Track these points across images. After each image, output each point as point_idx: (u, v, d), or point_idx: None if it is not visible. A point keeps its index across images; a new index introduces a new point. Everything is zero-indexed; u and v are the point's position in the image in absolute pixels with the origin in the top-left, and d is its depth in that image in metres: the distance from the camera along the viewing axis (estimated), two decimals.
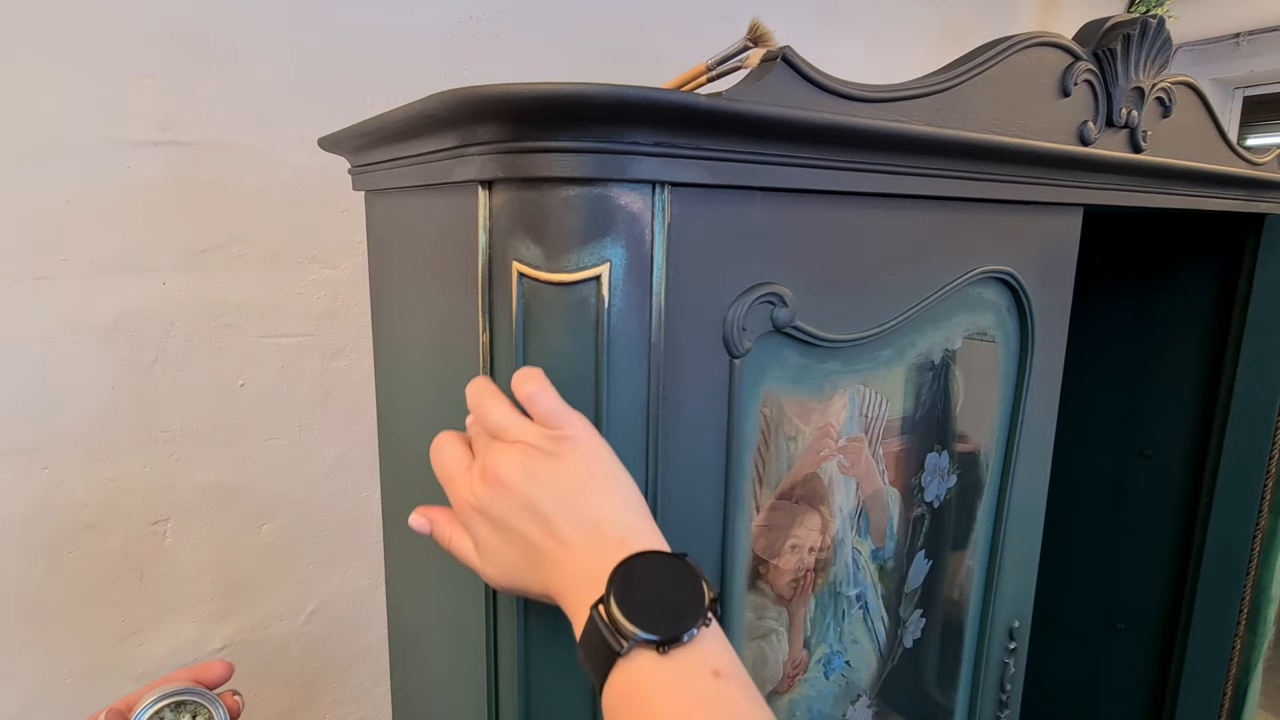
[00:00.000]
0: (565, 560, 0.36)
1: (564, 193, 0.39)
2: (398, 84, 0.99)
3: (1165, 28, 0.67)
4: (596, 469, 0.38)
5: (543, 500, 0.37)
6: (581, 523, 0.36)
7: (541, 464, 0.37)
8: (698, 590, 0.34)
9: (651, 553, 0.35)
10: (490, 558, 0.39)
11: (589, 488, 0.37)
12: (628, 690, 0.33)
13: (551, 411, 0.38)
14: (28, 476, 0.84)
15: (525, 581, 0.39)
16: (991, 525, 0.73)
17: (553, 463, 0.37)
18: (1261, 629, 1.08)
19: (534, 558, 0.37)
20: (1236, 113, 2.60)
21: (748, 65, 0.46)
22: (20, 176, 0.79)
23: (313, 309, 0.99)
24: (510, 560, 0.38)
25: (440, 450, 0.42)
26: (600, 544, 0.36)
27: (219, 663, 0.50)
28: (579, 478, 0.37)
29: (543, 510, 0.37)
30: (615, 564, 0.34)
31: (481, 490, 0.38)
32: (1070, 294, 0.73)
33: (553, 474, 0.37)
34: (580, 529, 0.36)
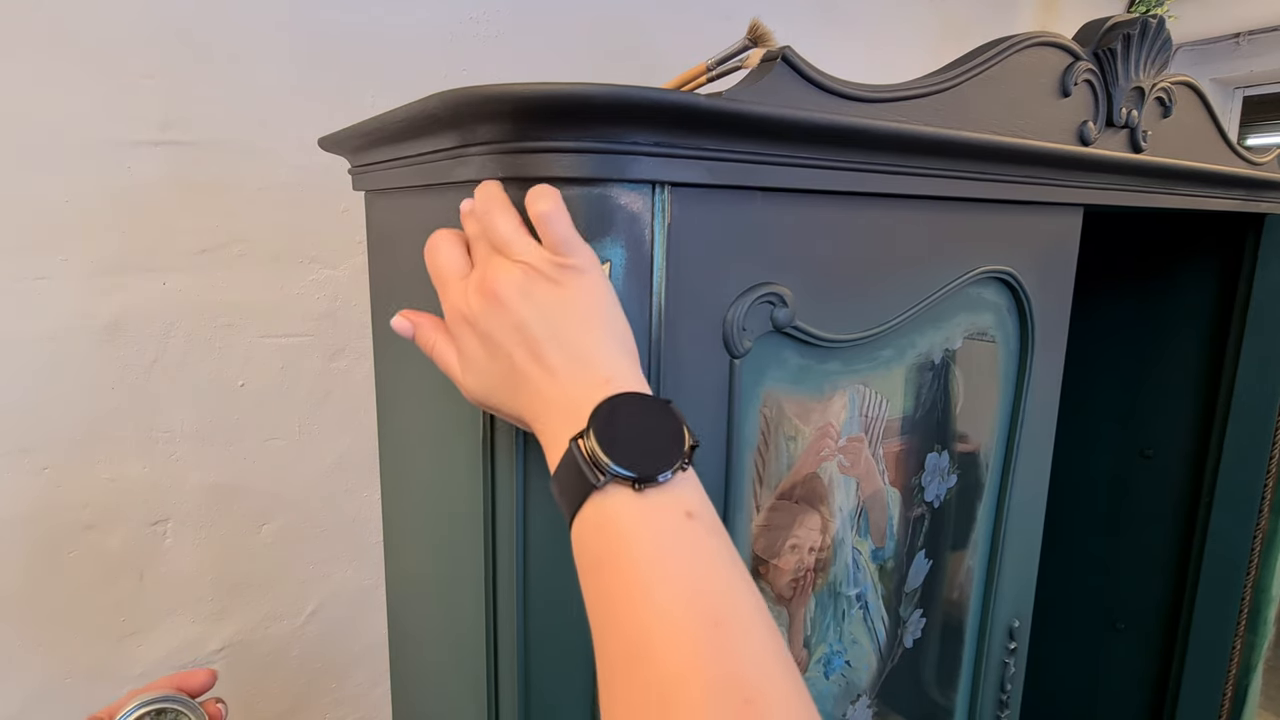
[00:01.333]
0: (547, 387, 0.36)
1: (564, 193, 0.39)
2: (398, 84, 0.99)
3: (1165, 28, 0.67)
4: (595, 305, 0.37)
5: (536, 324, 0.36)
6: (570, 353, 0.36)
7: (542, 288, 0.36)
8: (679, 434, 0.35)
9: (636, 394, 0.35)
10: (472, 371, 0.39)
11: (584, 321, 0.37)
12: (600, 524, 0.33)
13: (562, 237, 0.37)
14: (28, 476, 0.84)
15: (502, 400, 0.38)
16: (991, 525, 0.73)
17: (553, 289, 0.36)
18: (1261, 629, 1.08)
19: (516, 378, 0.37)
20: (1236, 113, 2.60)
21: (748, 65, 0.46)
22: (20, 176, 0.79)
23: (313, 309, 0.99)
24: (492, 377, 0.38)
25: (437, 250, 0.41)
26: (585, 378, 0.35)
27: (202, 671, 0.50)
28: (576, 309, 0.36)
29: (534, 333, 0.36)
30: (599, 400, 0.34)
31: (476, 302, 0.38)
32: (1070, 294, 0.73)
33: (551, 300, 0.36)
34: (568, 359, 0.36)
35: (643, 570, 0.32)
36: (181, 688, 0.49)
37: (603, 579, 0.33)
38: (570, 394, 0.35)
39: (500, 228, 0.38)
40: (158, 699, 0.47)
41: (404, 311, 0.44)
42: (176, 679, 0.49)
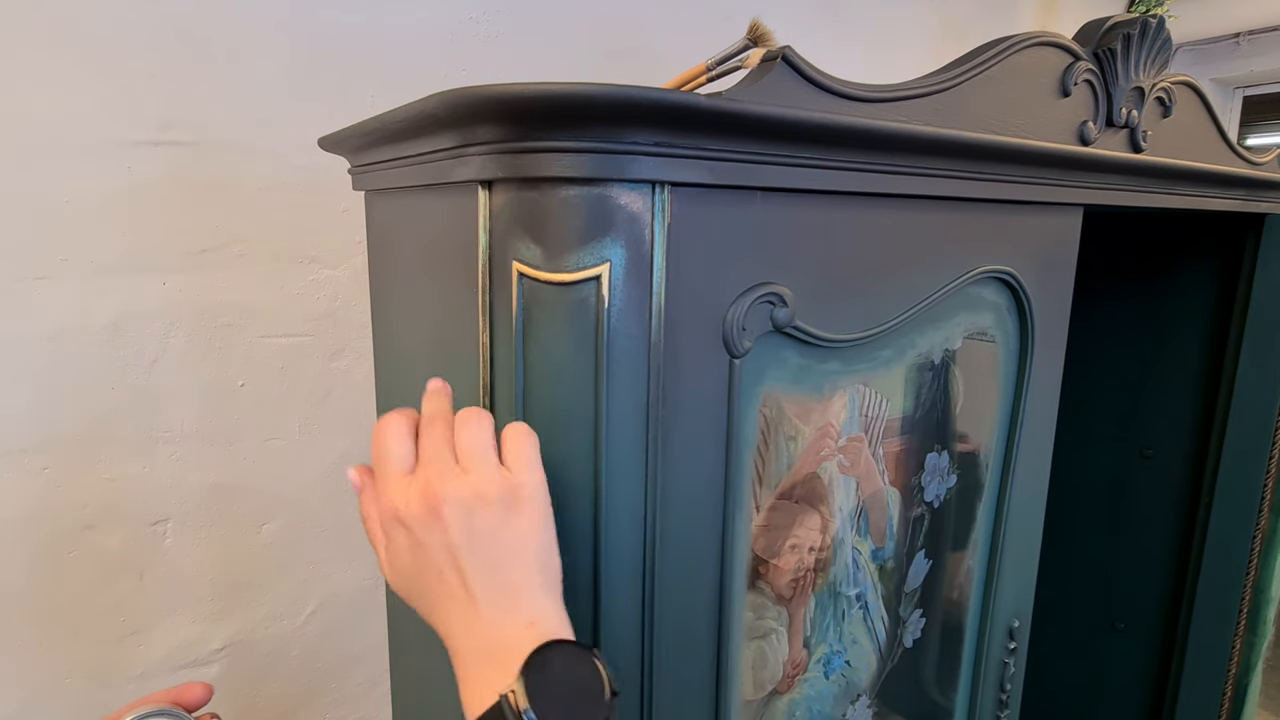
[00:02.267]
0: (470, 614, 0.36)
1: (564, 193, 0.39)
2: (398, 84, 0.99)
3: (1165, 28, 0.67)
4: (533, 540, 0.37)
5: (472, 553, 0.36)
6: (499, 588, 0.36)
7: (486, 516, 0.36)
8: (602, 688, 0.35)
9: (563, 643, 0.35)
10: (396, 568, 0.39)
11: (518, 557, 0.37)
12: None
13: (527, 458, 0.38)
14: (28, 476, 0.84)
15: (419, 605, 0.39)
16: (991, 525, 0.73)
17: (499, 520, 0.37)
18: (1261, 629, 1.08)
19: (440, 592, 0.37)
20: (1236, 112, 2.60)
21: (748, 65, 0.46)
22: (20, 176, 0.79)
23: (313, 309, 0.99)
24: (416, 583, 0.38)
25: (385, 437, 0.40)
26: (510, 617, 0.36)
27: (199, 685, 0.50)
28: (515, 545, 0.37)
29: (468, 560, 0.36)
30: (527, 650, 0.34)
31: (417, 509, 0.37)
32: (1070, 294, 0.73)
33: (494, 531, 0.36)
34: (496, 594, 0.36)
35: None
36: (178, 702, 0.49)
37: None
38: (493, 632, 0.36)
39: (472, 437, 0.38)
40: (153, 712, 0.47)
41: (359, 468, 0.43)
42: (173, 693, 0.49)
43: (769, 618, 0.57)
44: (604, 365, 0.40)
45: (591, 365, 0.41)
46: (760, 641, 0.57)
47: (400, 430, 0.40)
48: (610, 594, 0.43)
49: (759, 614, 0.56)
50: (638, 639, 0.45)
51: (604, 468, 0.42)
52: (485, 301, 0.44)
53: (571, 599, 0.44)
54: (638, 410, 0.42)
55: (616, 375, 0.41)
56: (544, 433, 0.43)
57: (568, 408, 0.42)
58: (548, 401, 0.42)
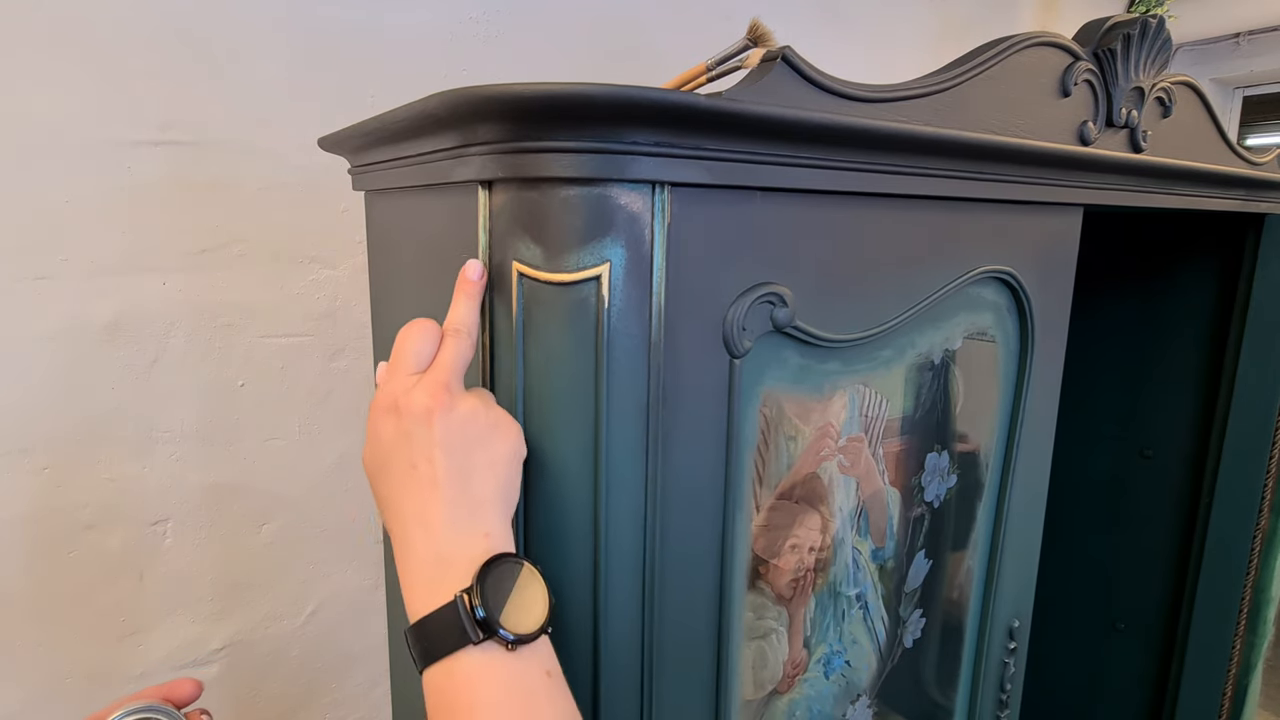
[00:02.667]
0: (428, 507, 0.38)
1: (564, 193, 0.39)
2: (398, 84, 0.99)
3: (1165, 28, 0.67)
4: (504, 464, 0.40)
5: (451, 454, 0.39)
6: (464, 494, 0.39)
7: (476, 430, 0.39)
8: (545, 596, 0.39)
9: (511, 556, 0.38)
10: (375, 451, 0.42)
11: (490, 474, 0.39)
12: (470, 675, 0.36)
13: None
14: (28, 476, 0.84)
15: (384, 490, 0.41)
16: (991, 525, 0.73)
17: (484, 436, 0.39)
18: (1261, 629, 1.08)
19: (406, 481, 0.39)
20: (1236, 113, 2.60)
21: (748, 65, 0.46)
22: (20, 176, 0.79)
23: (313, 309, 0.99)
24: (387, 468, 0.41)
25: (410, 336, 0.42)
26: (468, 524, 0.38)
27: (188, 681, 0.51)
28: (489, 462, 0.39)
29: (444, 460, 0.39)
30: (479, 558, 0.37)
31: (417, 402, 0.39)
32: (1070, 294, 0.73)
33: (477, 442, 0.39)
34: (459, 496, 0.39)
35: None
36: (168, 698, 0.49)
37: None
38: (450, 534, 0.38)
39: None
40: (142, 708, 0.47)
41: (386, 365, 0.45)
42: (164, 689, 0.49)
43: (769, 618, 0.57)
44: (604, 365, 0.40)
45: (591, 365, 0.41)
46: (760, 641, 0.57)
47: (426, 335, 0.42)
48: (610, 594, 0.43)
49: (759, 614, 0.56)
50: (638, 639, 0.45)
51: (604, 467, 0.42)
52: (485, 301, 0.44)
53: (572, 599, 0.44)
54: (638, 410, 0.42)
55: (616, 375, 0.41)
56: (544, 432, 0.43)
57: (568, 408, 0.42)
58: (548, 401, 0.42)
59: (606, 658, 0.44)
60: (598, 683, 0.44)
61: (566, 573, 0.43)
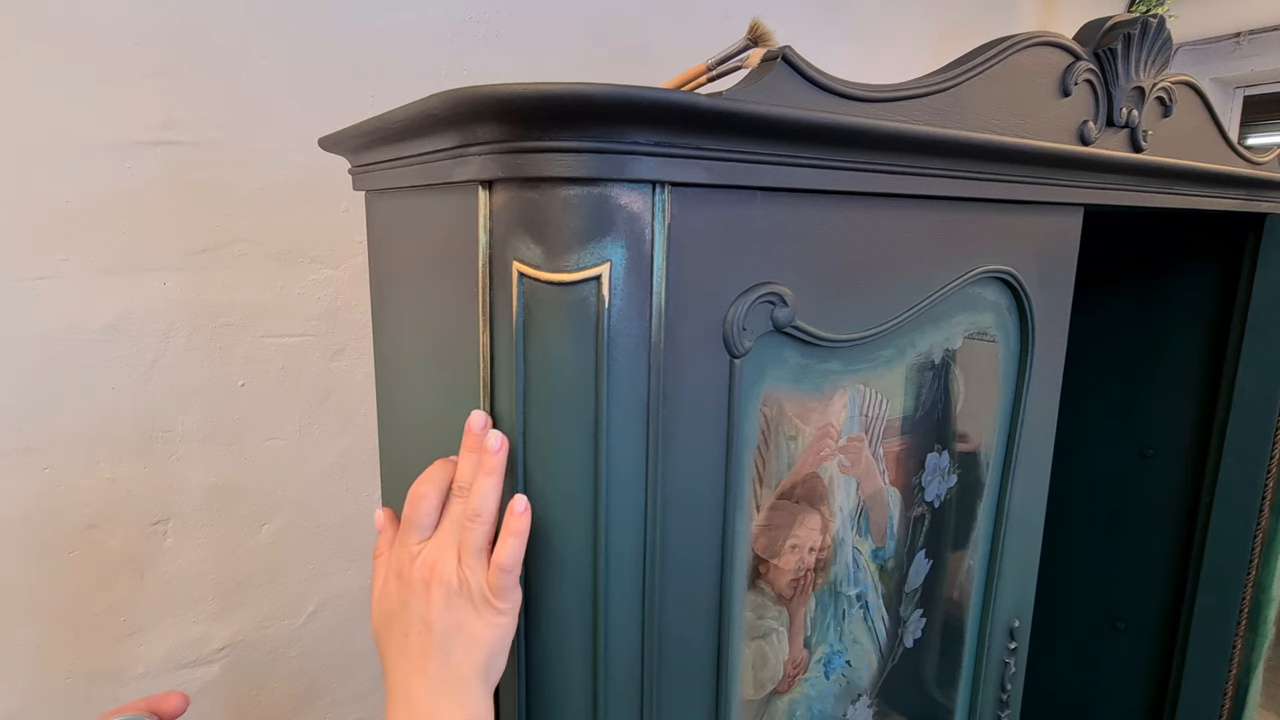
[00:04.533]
0: (413, 678, 0.42)
1: (564, 193, 0.39)
2: (398, 84, 0.99)
3: (1165, 27, 0.67)
4: (491, 646, 0.42)
5: (439, 632, 0.42)
6: (446, 671, 0.41)
7: (462, 608, 0.42)
8: None
9: None
10: (379, 611, 0.45)
11: (471, 652, 0.42)
12: None
13: (503, 585, 0.42)
14: (28, 476, 0.84)
15: (382, 648, 0.45)
16: (992, 525, 0.73)
17: (467, 616, 0.42)
18: (1262, 629, 1.08)
19: (401, 648, 0.43)
20: (1237, 112, 2.60)
21: (748, 65, 0.46)
22: (20, 176, 0.79)
23: (313, 309, 0.99)
24: (388, 629, 0.44)
25: (417, 506, 0.44)
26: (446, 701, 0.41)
27: (175, 694, 0.52)
28: (471, 641, 0.42)
29: (433, 637, 0.42)
30: None
31: (416, 574, 0.43)
32: (1070, 294, 0.73)
33: (459, 623, 0.42)
34: (444, 673, 0.41)
35: None
36: (156, 710, 0.50)
37: None
38: (429, 707, 0.41)
39: (474, 536, 0.42)
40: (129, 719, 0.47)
41: (387, 511, 0.49)
42: (151, 701, 0.50)
43: (769, 617, 0.57)
44: (604, 365, 0.40)
45: (592, 365, 0.41)
46: (760, 641, 0.57)
47: (432, 505, 0.45)
48: (610, 594, 0.43)
49: (759, 614, 0.56)
50: (638, 639, 0.45)
51: (604, 467, 0.42)
52: (485, 301, 0.44)
53: (572, 599, 0.44)
54: (638, 410, 0.42)
55: (617, 375, 0.41)
56: (544, 433, 0.43)
57: (568, 408, 0.42)
58: (548, 401, 0.42)
59: (607, 657, 0.44)
60: (598, 683, 0.44)
61: (566, 573, 0.44)
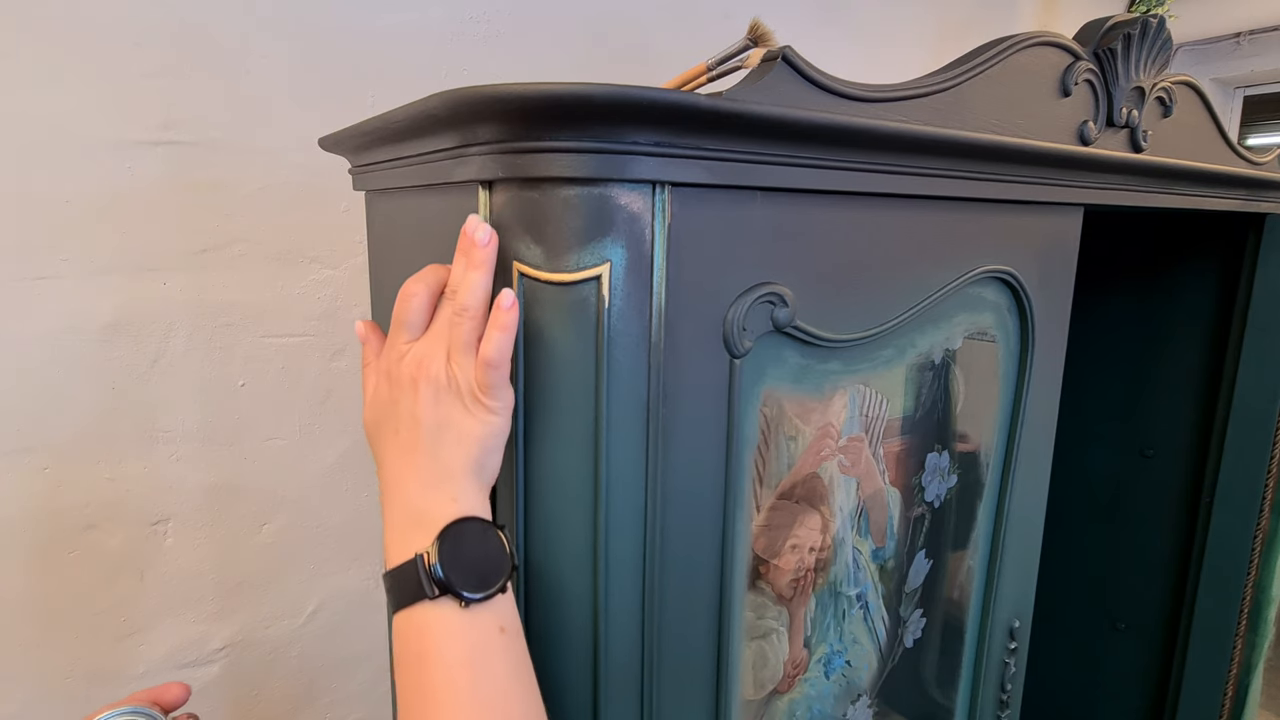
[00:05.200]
0: (406, 470, 0.42)
1: (564, 193, 0.39)
2: (398, 84, 0.99)
3: (1165, 27, 0.67)
4: (479, 438, 0.42)
5: (427, 425, 0.42)
6: (435, 463, 0.42)
7: (450, 403, 0.42)
8: (505, 561, 0.41)
9: (476, 519, 0.41)
10: (371, 410, 0.46)
11: (461, 447, 0.42)
12: (424, 626, 0.39)
13: (492, 382, 0.41)
14: (28, 476, 0.84)
15: (375, 446, 0.45)
16: (992, 525, 0.73)
17: (455, 412, 0.42)
18: (1262, 629, 1.08)
19: (392, 443, 0.43)
20: (1237, 112, 2.60)
21: (748, 65, 0.46)
22: (20, 176, 0.79)
23: (313, 309, 0.99)
24: (379, 427, 0.45)
25: (408, 306, 0.44)
26: (438, 489, 0.41)
27: (176, 685, 0.52)
28: (460, 436, 0.42)
29: (421, 431, 0.42)
30: (446, 521, 0.40)
31: (404, 374, 0.43)
32: (1070, 294, 0.73)
33: (448, 418, 0.42)
34: (430, 464, 0.42)
35: (456, 672, 0.38)
36: (157, 701, 0.50)
37: (423, 673, 0.39)
38: (421, 497, 0.41)
39: (462, 332, 0.42)
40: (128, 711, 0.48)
41: (368, 323, 0.50)
42: (152, 693, 0.50)
43: (769, 617, 0.57)
44: (604, 365, 0.40)
45: (592, 365, 0.41)
46: (761, 641, 0.57)
47: (422, 303, 0.44)
48: (610, 594, 0.43)
49: (759, 614, 0.56)
50: (638, 638, 0.45)
51: (604, 467, 0.42)
52: None
53: (572, 598, 0.44)
54: (638, 410, 0.42)
55: (617, 375, 0.41)
56: (545, 433, 0.43)
57: (568, 407, 0.42)
58: (548, 401, 0.42)
59: (607, 657, 0.44)
60: (598, 683, 0.44)
61: (567, 572, 0.44)
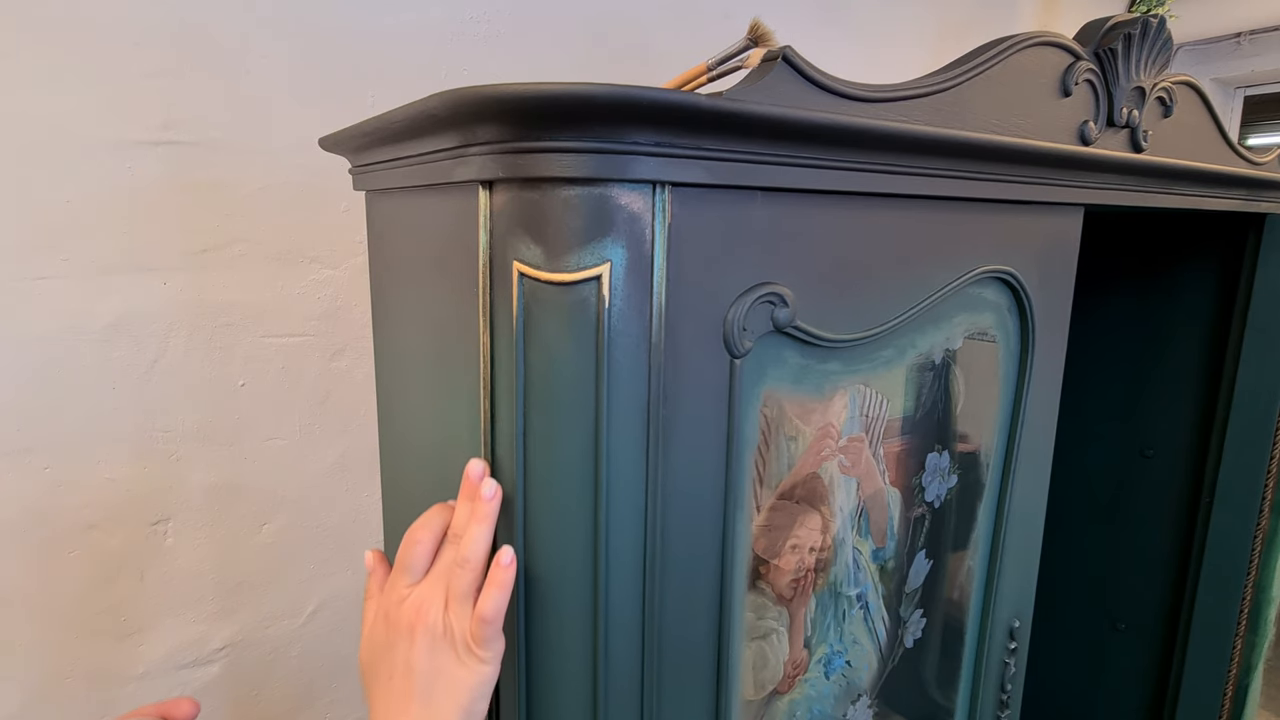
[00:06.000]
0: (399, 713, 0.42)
1: (564, 193, 0.39)
2: (398, 84, 0.99)
3: (1166, 27, 0.67)
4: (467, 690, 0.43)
5: (421, 675, 0.43)
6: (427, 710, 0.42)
7: (445, 653, 0.43)
8: None
9: None
10: (368, 649, 0.47)
11: (451, 697, 0.43)
12: None
13: (486, 636, 0.43)
14: (28, 476, 0.84)
15: (368, 685, 0.46)
16: (992, 525, 0.73)
17: (449, 663, 0.43)
18: (1262, 629, 1.08)
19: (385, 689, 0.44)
20: (1237, 112, 2.60)
21: (748, 65, 0.46)
22: (21, 176, 0.79)
23: (313, 309, 0.99)
24: (374, 667, 0.45)
25: (411, 550, 0.45)
26: None
27: (186, 700, 0.52)
28: (452, 686, 0.43)
29: (414, 680, 0.43)
30: None
31: (402, 616, 0.44)
32: (1071, 294, 0.73)
33: (441, 669, 0.43)
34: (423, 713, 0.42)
35: None
36: (166, 716, 0.50)
37: None
38: None
39: (462, 583, 0.43)
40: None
41: (377, 553, 0.51)
42: (162, 707, 0.51)
43: (769, 618, 0.57)
44: (604, 365, 0.40)
45: (592, 365, 0.41)
46: (761, 642, 0.57)
47: (426, 550, 0.46)
48: (610, 594, 0.43)
49: (759, 614, 0.56)
50: (638, 639, 0.45)
51: (604, 468, 0.42)
52: (485, 301, 0.44)
53: (572, 599, 0.44)
54: (638, 410, 0.42)
55: (617, 375, 0.41)
56: (545, 433, 0.43)
57: (568, 407, 0.42)
58: (548, 402, 0.42)
59: (607, 658, 0.44)
60: (598, 683, 0.44)
61: (567, 573, 0.44)
